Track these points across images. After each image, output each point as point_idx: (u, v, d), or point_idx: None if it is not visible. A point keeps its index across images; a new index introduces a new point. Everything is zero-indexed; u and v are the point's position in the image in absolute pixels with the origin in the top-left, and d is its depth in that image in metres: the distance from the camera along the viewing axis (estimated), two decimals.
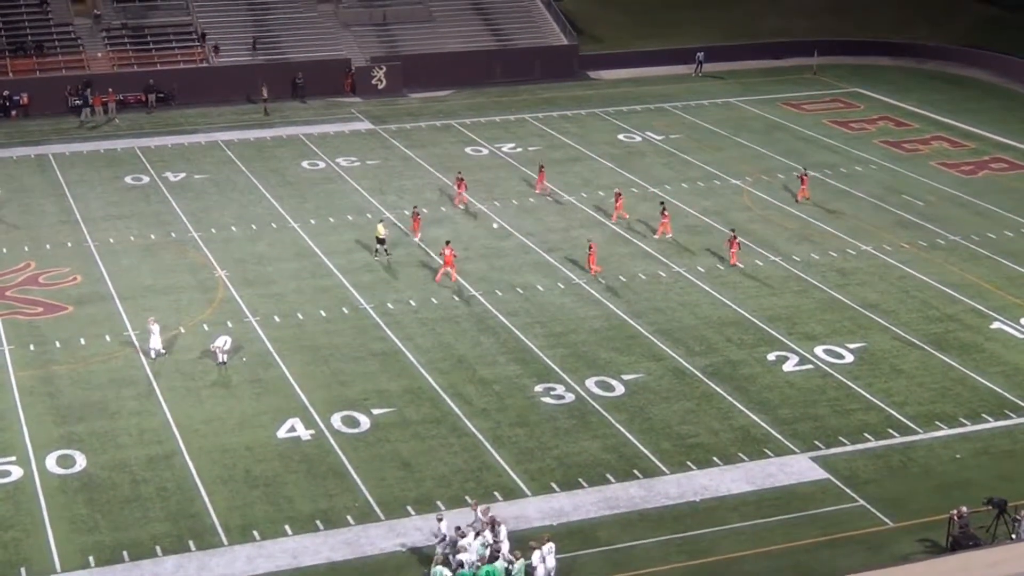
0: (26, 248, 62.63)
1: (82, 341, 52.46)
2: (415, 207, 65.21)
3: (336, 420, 46.58)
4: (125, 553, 38.79)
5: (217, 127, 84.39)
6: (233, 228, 65.58)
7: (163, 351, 51.03)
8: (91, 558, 38.57)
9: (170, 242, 63.86)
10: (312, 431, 45.89)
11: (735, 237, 60.09)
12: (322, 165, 76.39)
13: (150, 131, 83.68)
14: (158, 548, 39.06)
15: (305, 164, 76.62)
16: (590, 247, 59.32)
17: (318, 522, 40.31)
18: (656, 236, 63.50)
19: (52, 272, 59.82)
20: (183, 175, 74.38)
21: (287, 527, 40.13)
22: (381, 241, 60.75)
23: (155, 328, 51.07)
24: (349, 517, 40.66)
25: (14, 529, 40.06)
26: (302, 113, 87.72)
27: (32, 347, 52.07)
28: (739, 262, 59.79)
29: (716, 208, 68.21)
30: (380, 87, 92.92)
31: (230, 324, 53.95)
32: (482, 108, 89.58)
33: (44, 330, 53.50)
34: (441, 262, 58.64)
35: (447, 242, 59.05)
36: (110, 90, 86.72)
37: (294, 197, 70.43)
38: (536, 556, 36.59)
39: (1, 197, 69.76)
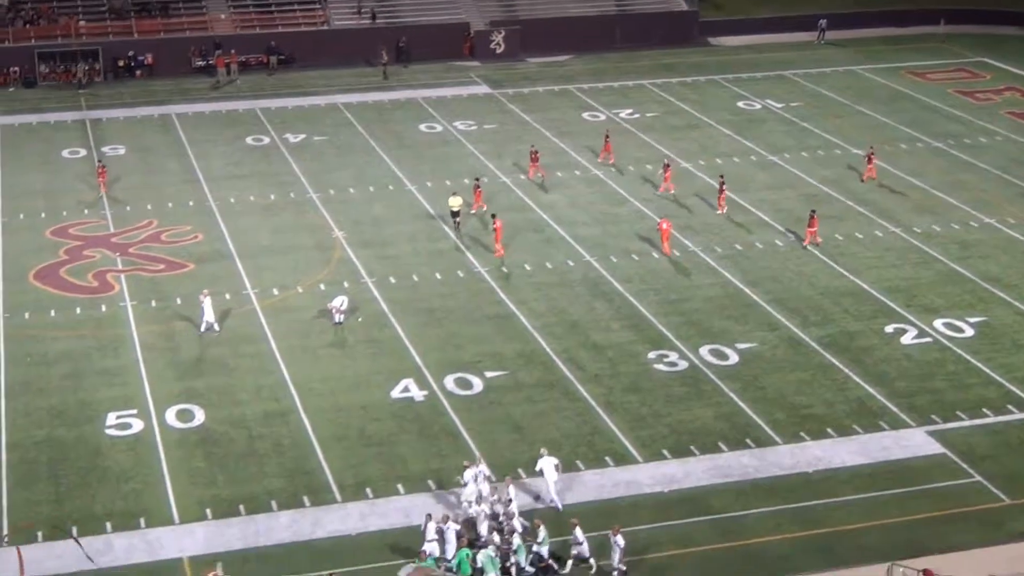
0: (149, 206, 63.72)
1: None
2: (477, 178, 64.79)
3: (449, 382, 46.88)
4: (241, 507, 39.46)
5: (336, 89, 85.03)
6: (351, 190, 66.13)
7: (216, 326, 50.63)
8: (208, 511, 39.30)
9: (289, 202, 64.58)
10: (426, 392, 46.24)
11: (814, 216, 58.80)
12: (439, 128, 76.68)
13: (271, 93, 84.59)
14: (273, 503, 39.68)
15: (422, 127, 76.95)
16: (661, 227, 58.65)
17: (430, 482, 40.65)
18: (718, 212, 62.67)
19: (174, 230, 60.83)
20: (303, 136, 75.12)
21: (399, 486, 40.53)
22: (455, 214, 60.05)
23: (207, 301, 50.73)
24: (460, 478, 40.89)
25: (134, 480, 40.94)
26: (420, 76, 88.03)
27: (154, 303, 53.05)
28: (816, 240, 58.41)
29: (835, 177, 67.30)
30: (499, 51, 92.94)
31: (346, 285, 54.48)
32: (600, 73, 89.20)
33: (165, 287, 54.47)
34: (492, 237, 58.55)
35: (493, 216, 58.87)
36: (233, 52, 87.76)
37: (411, 160, 70.81)
38: (579, 532, 36.51)
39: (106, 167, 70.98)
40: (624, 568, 36.14)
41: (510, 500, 37.90)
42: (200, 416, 44.65)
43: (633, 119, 78.54)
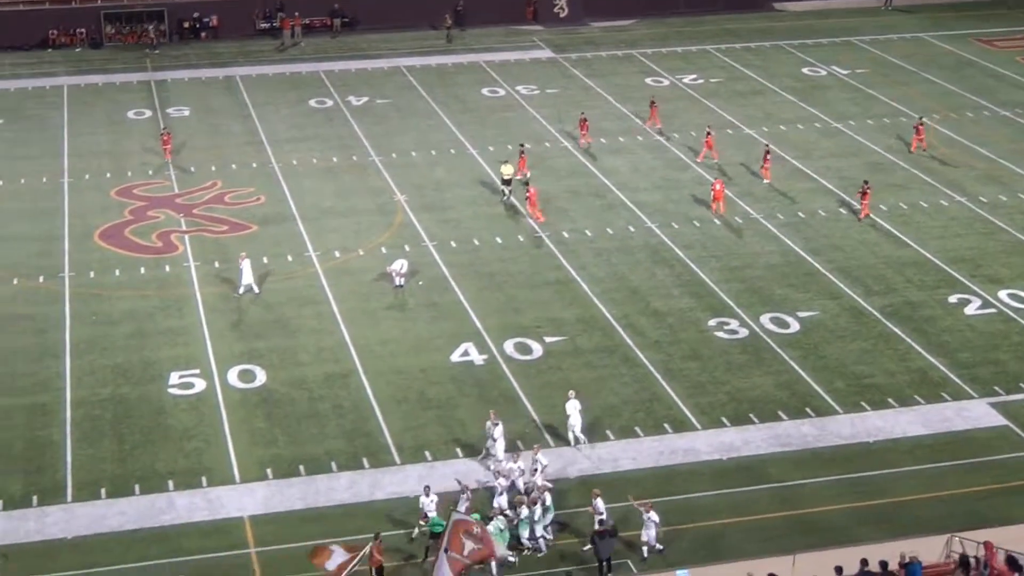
0: (213, 168, 64.15)
1: (264, 260, 53.63)
2: (522, 145, 64.41)
3: (509, 346, 46.98)
4: (301, 467, 39.80)
5: (400, 53, 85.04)
6: (413, 153, 66.23)
7: (255, 288, 50.83)
8: (269, 470, 39.67)
9: (351, 165, 64.79)
10: (485, 356, 46.37)
11: (867, 188, 58.19)
12: (502, 92, 76.58)
13: (334, 55, 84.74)
14: (333, 464, 40.00)
15: (485, 91, 76.89)
16: (714, 187, 58.43)
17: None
18: (766, 181, 62.00)
19: (237, 192, 61.22)
20: (365, 99, 75.25)
21: (458, 450, 40.72)
22: (506, 182, 59.61)
23: (246, 264, 50.91)
24: (518, 442, 41.04)
25: (196, 439, 41.38)
26: (483, 40, 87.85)
27: (217, 264, 53.46)
28: (864, 213, 57.89)
29: (900, 146, 66.59)
30: (562, 15, 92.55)
31: (407, 248, 54.65)
32: (664, 38, 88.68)
33: (229, 248, 54.85)
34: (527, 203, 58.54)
35: (526, 183, 58.74)
36: (296, 14, 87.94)
37: (473, 124, 70.79)
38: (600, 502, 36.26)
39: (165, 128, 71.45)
40: (662, 548, 35.90)
41: (538, 468, 37.83)
42: (262, 377, 45.02)
43: (696, 85, 78.07)
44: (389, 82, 78.79)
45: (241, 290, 50.70)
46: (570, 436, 40.88)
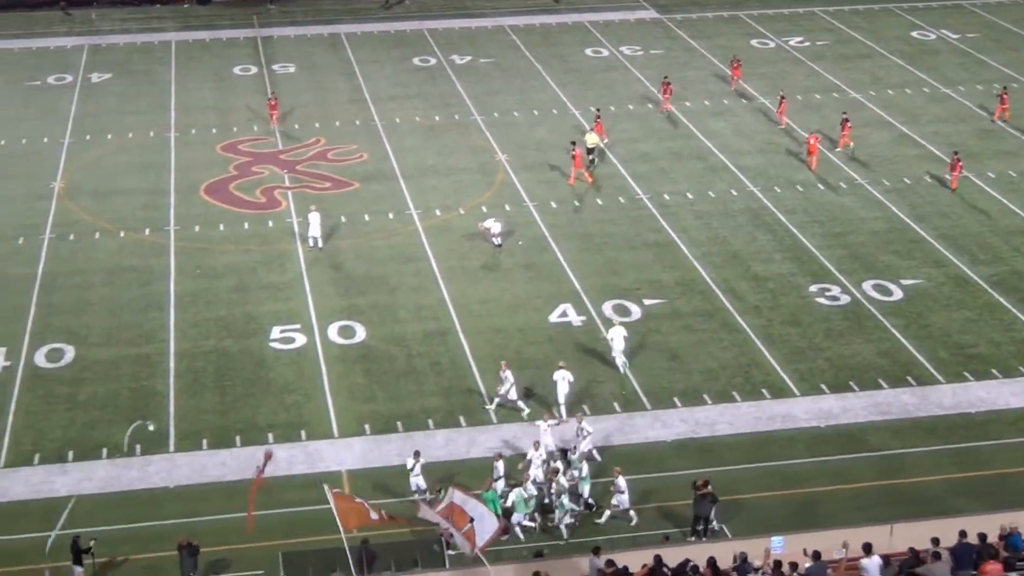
0: (317, 124, 64.59)
1: (366, 217, 54.00)
2: (598, 109, 63.55)
3: (607, 308, 46.90)
4: (399, 423, 40.14)
5: (504, 12, 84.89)
6: (515, 113, 66.18)
7: (319, 242, 51.16)
8: (367, 426, 40.06)
9: (453, 124, 64.90)
10: (583, 317, 46.35)
11: (958, 159, 56.83)
12: (605, 53, 76.19)
13: (438, 14, 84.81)
14: (430, 421, 40.27)
15: (589, 51, 76.54)
16: (809, 141, 57.74)
17: (585, 407, 40.80)
18: (839, 148, 60.78)
19: (340, 149, 61.61)
20: (469, 58, 75.28)
21: (554, 409, 40.75)
22: (590, 151, 58.75)
23: (314, 216, 51.30)
24: (615, 404, 41.04)
25: (296, 393, 41.87)
26: (589, 0, 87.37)
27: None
28: (953, 185, 56.71)
29: (1014, 112, 65.25)
30: None
31: (508, 208, 54.70)
32: (771, 0, 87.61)
33: (331, 205, 55.25)
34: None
35: (572, 142, 58.42)
36: None
37: (576, 84, 70.54)
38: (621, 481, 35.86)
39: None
40: (633, 516, 35.59)
41: (584, 434, 37.68)
42: (361, 333, 45.39)
43: (803, 47, 77.07)
44: (493, 41, 78.73)
45: (311, 243, 51.22)
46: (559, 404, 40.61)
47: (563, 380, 40.46)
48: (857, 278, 48.90)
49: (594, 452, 38.08)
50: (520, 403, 40.77)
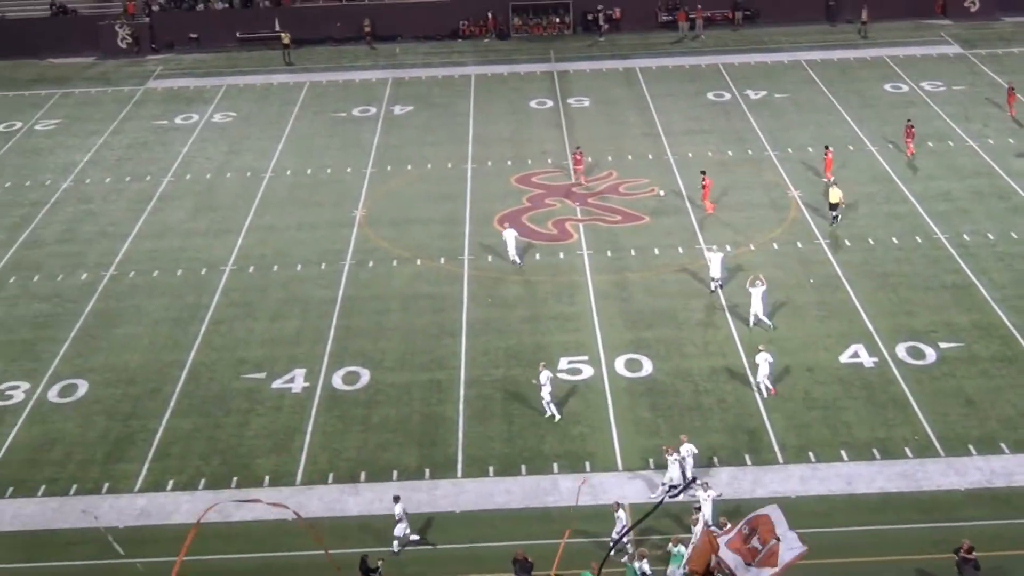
0: (609, 158, 65.12)
1: (656, 251, 54.12)
2: (827, 146, 61.06)
3: (901, 350, 45.72)
4: None
5: (801, 47, 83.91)
6: (809, 148, 65.25)
7: (519, 260, 53.18)
8: (651, 460, 40.05)
9: (746, 159, 64.45)
10: (876, 359, 45.30)
11: None
12: (905, 88, 74.41)
13: (734, 48, 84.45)
14: (715, 458, 40.00)
15: (888, 87, 74.90)
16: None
17: (875, 450, 39.89)
18: (908, 155, 59.62)
19: (632, 182, 61.94)
20: (764, 93, 74.68)
21: (843, 452, 39.99)
22: (833, 207, 55.47)
23: (509, 234, 53.42)
24: (907, 449, 39.97)
25: (581, 424, 42.21)
26: (887, 34, 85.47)
27: (609, 253, 54.29)
28: None
29: None
30: (972, 10, 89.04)
31: (799, 245, 53.99)
32: None
33: (621, 238, 55.60)
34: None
35: (703, 172, 58.06)
36: (699, 7, 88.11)
37: (873, 120, 69.11)
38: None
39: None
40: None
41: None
42: (648, 366, 45.47)
43: None
44: (789, 76, 77.90)
45: (512, 261, 53.06)
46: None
47: (764, 363, 42.85)
48: None
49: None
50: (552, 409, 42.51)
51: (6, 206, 62.45)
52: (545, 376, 42.31)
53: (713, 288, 49.93)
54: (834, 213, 55.55)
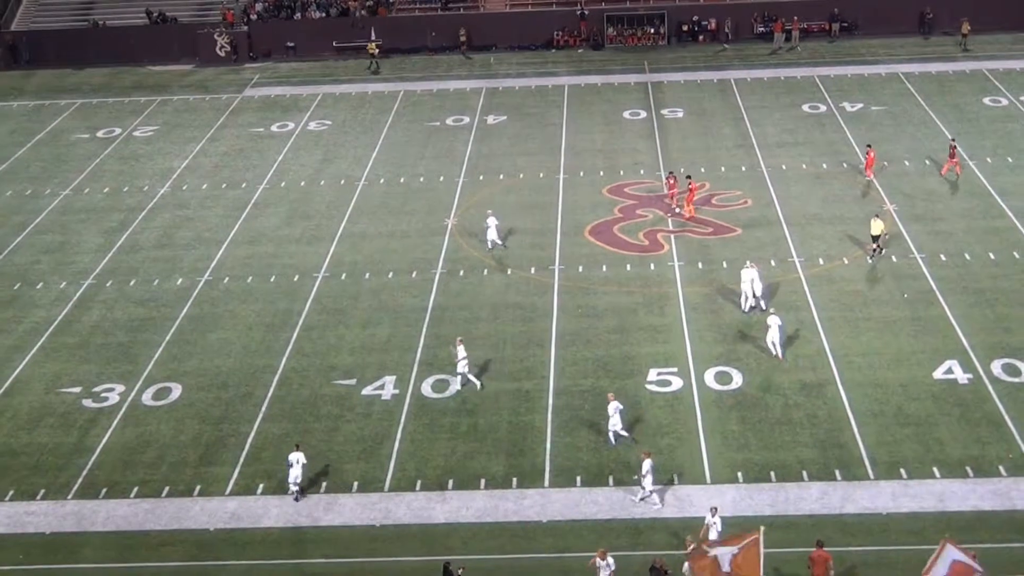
0: (702, 169, 64.80)
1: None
2: (869, 144, 61.96)
3: (996, 367, 45.03)
4: (772, 473, 39.71)
5: (899, 59, 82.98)
6: (906, 162, 64.50)
7: (500, 243, 56.00)
8: (739, 474, 39.81)
9: (841, 172, 63.84)
10: (970, 375, 44.65)
11: None
12: (1004, 102, 73.30)
13: (830, 60, 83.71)
14: (804, 473, 39.65)
15: (986, 100, 73.83)
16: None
17: (968, 468, 39.31)
18: (942, 173, 59.21)
19: (725, 194, 61.60)
20: (860, 106, 73.93)
21: (935, 469, 39.45)
22: (875, 238, 53.54)
23: (491, 221, 55.97)
24: (1001, 467, 39.34)
25: (670, 436, 42.04)
26: (988, 48, 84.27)
27: (700, 265, 54.04)
28: None
29: None
30: None
31: (895, 259, 53.35)
32: None
33: (713, 249, 55.33)
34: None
35: (688, 177, 59.53)
36: (795, 18, 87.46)
37: (972, 134, 68.15)
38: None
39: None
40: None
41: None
42: (738, 379, 45.19)
43: None
44: (885, 88, 77.04)
45: (490, 245, 55.22)
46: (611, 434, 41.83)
47: (774, 325, 45.55)
48: None
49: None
50: (471, 377, 44.84)
51: (105, 211, 63.54)
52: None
53: (752, 306, 49.70)
54: (874, 245, 53.78)
